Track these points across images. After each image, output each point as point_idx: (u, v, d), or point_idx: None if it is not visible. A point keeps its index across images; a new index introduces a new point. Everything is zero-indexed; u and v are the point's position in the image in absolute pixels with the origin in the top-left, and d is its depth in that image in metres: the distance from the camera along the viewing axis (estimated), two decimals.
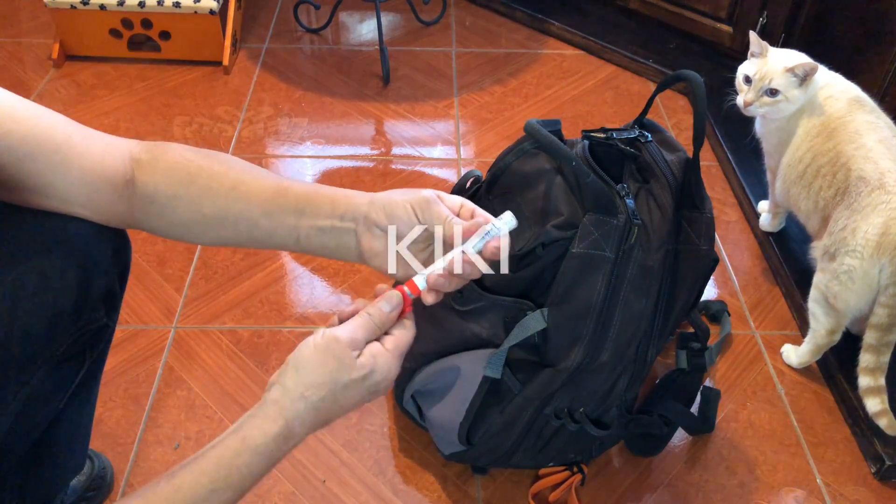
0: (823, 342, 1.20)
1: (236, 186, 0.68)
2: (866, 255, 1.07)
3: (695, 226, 0.95)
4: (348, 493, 1.09)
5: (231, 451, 0.59)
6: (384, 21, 2.15)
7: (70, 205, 0.68)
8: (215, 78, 1.91)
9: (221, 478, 0.58)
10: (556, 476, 1.08)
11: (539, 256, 0.90)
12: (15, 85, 1.85)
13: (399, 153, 1.71)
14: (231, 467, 0.58)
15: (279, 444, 0.60)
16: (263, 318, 1.33)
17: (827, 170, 1.16)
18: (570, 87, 1.94)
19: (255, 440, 0.59)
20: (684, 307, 0.98)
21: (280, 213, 0.68)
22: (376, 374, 0.62)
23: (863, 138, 1.14)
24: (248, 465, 0.59)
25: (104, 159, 0.67)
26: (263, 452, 0.59)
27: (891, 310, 1.07)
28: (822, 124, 1.19)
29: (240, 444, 0.59)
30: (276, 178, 0.70)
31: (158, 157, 0.69)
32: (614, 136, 0.97)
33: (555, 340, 0.91)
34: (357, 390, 0.61)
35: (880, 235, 1.06)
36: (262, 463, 0.60)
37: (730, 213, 1.59)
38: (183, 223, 0.70)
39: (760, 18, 1.82)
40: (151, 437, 1.14)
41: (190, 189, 0.68)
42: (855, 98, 1.20)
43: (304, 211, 0.68)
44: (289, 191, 0.68)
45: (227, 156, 0.71)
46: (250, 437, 0.59)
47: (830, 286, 1.14)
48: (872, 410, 1.11)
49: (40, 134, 0.64)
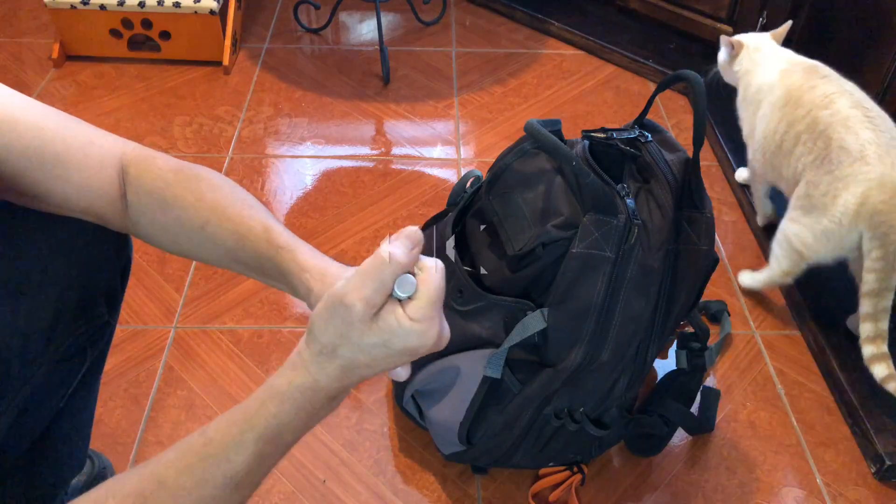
0: (779, 279, 1.29)
1: (203, 226, 0.68)
2: (845, 221, 1.14)
3: (695, 226, 0.95)
4: (348, 493, 1.09)
5: (258, 401, 0.56)
6: (384, 21, 2.15)
7: (71, 212, 0.68)
8: (215, 78, 1.91)
9: (249, 427, 0.55)
10: (556, 476, 1.09)
11: (539, 256, 0.90)
12: (15, 85, 1.84)
13: (399, 153, 1.71)
14: (258, 416, 0.55)
15: (307, 395, 0.56)
16: (263, 318, 1.33)
17: (806, 136, 1.20)
18: (570, 87, 1.94)
19: (280, 387, 0.56)
20: (684, 307, 0.98)
21: (243, 263, 0.69)
22: (397, 340, 0.54)
23: (836, 104, 1.18)
24: (276, 415, 0.55)
25: (100, 173, 0.68)
26: (289, 400, 0.55)
27: (878, 273, 1.11)
28: (786, 95, 1.27)
29: (265, 392, 0.56)
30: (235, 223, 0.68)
31: (143, 175, 0.69)
32: (614, 136, 0.97)
33: (555, 340, 0.91)
34: (384, 354, 0.55)
35: (859, 204, 1.12)
36: (291, 412, 0.56)
37: (730, 213, 1.59)
38: (167, 245, 0.71)
39: (760, 18, 1.82)
40: (151, 437, 1.14)
41: (166, 216, 0.69)
42: (810, 67, 1.30)
43: (263, 270, 0.68)
44: (245, 245, 0.67)
45: (204, 181, 0.70)
46: (275, 385, 0.56)
47: (803, 237, 1.20)
48: (880, 377, 1.12)
49: (39, 147, 0.65)
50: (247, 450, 0.55)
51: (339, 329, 0.54)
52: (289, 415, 0.56)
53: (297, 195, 1.58)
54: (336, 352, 0.55)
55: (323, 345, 0.55)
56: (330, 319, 0.54)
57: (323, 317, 0.54)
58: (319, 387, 0.56)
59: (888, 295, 1.11)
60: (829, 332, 1.29)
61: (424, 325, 0.54)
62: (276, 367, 1.24)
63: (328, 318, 0.54)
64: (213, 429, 0.56)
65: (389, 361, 0.56)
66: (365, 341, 0.54)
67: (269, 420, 0.55)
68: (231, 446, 0.55)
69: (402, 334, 0.54)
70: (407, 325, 0.53)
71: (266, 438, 0.55)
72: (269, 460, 0.57)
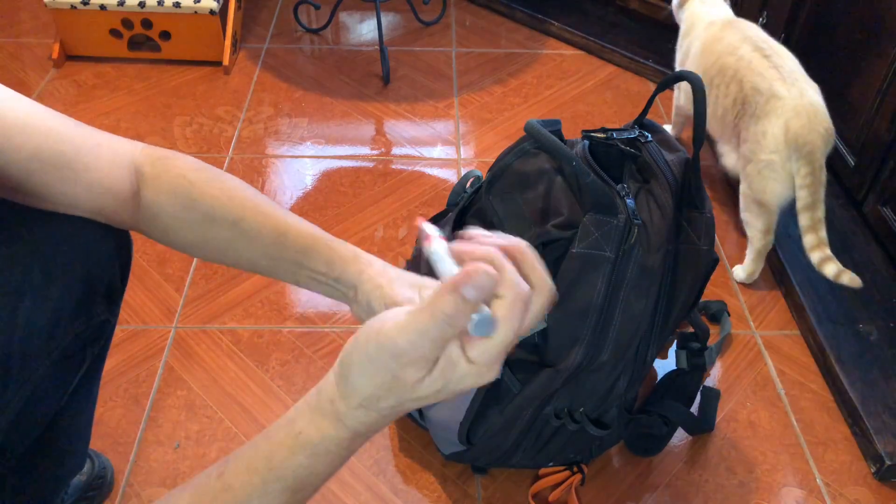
0: (761, 244, 1.39)
1: (237, 223, 0.68)
2: (780, 149, 1.30)
3: (695, 226, 0.95)
4: (348, 493, 1.09)
5: (284, 448, 0.50)
6: (384, 21, 2.15)
7: (78, 212, 0.68)
8: (215, 78, 1.91)
9: (276, 478, 0.50)
10: (556, 476, 1.09)
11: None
12: (15, 85, 1.85)
13: (399, 153, 1.71)
14: (286, 467, 0.50)
15: (343, 445, 0.50)
16: (263, 318, 1.33)
17: (719, 80, 1.40)
18: (570, 87, 1.94)
19: (312, 439, 0.50)
20: (684, 307, 0.98)
21: (279, 259, 0.69)
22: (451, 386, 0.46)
23: (740, 50, 1.38)
24: (308, 466, 0.50)
25: (111, 171, 0.68)
26: (323, 453, 0.50)
27: (808, 189, 1.27)
28: (703, 45, 1.48)
29: (294, 441, 0.50)
30: (276, 218, 0.68)
31: (161, 174, 0.69)
32: (614, 136, 0.97)
33: (555, 340, 0.91)
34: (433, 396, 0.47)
35: (784, 133, 1.29)
36: (324, 462, 0.51)
37: (730, 214, 1.59)
38: (186, 243, 0.71)
39: (760, 18, 1.82)
40: (151, 437, 1.14)
41: (192, 214, 0.68)
42: (728, 21, 1.48)
43: (302, 263, 0.68)
44: (287, 237, 0.68)
45: (228, 180, 0.70)
46: (306, 435, 0.50)
47: (755, 183, 1.33)
48: (831, 274, 1.26)
49: (50, 149, 0.64)
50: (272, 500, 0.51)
51: (386, 384, 0.47)
52: (322, 465, 0.51)
53: (297, 195, 1.58)
54: (379, 403, 0.48)
55: (364, 397, 0.48)
56: (376, 373, 0.47)
57: (365, 367, 0.47)
58: (358, 435, 0.51)
59: (820, 206, 1.28)
60: (829, 332, 1.29)
61: (484, 368, 0.45)
62: (275, 367, 1.25)
63: (373, 370, 0.46)
64: (231, 473, 0.51)
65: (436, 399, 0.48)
66: (416, 395, 0.47)
67: (298, 471, 0.51)
68: (255, 496, 0.51)
69: (457, 380, 0.46)
70: (464, 369, 0.45)
71: (294, 489, 0.51)
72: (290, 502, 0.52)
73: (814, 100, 1.31)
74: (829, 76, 1.60)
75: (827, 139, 1.29)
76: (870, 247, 1.44)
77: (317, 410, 0.50)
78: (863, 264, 1.40)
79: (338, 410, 0.49)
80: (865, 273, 1.39)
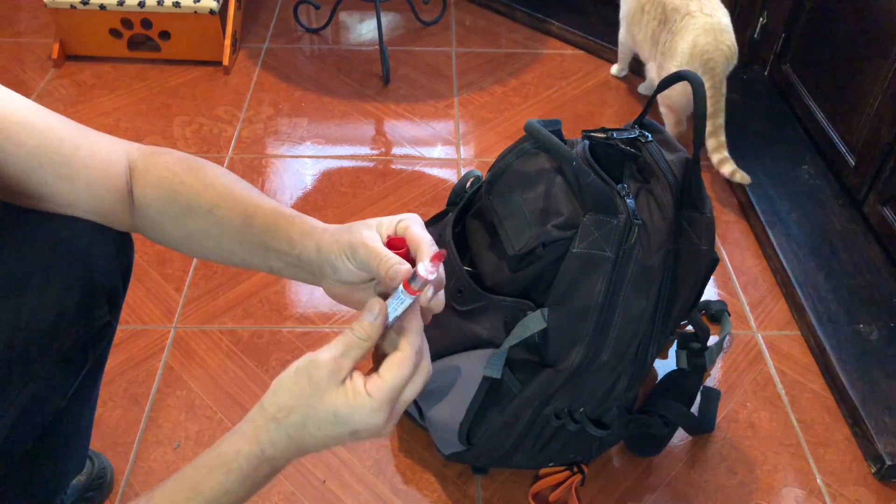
0: (675, 132, 1.63)
1: (212, 209, 0.67)
2: (684, 62, 1.51)
3: (695, 226, 0.95)
4: (348, 493, 1.09)
5: (205, 469, 0.56)
6: (384, 21, 2.15)
7: (77, 211, 0.68)
8: (215, 78, 1.91)
9: (196, 494, 0.56)
10: (556, 476, 1.09)
11: (539, 256, 0.90)
12: (15, 85, 1.85)
13: (399, 153, 1.71)
14: (205, 484, 0.56)
15: (252, 464, 0.56)
16: (263, 318, 1.33)
17: (650, 7, 1.62)
18: (570, 87, 1.94)
19: (228, 455, 0.56)
20: (684, 307, 0.98)
21: (249, 244, 0.67)
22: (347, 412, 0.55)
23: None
24: (223, 484, 0.56)
25: (109, 168, 0.68)
26: (236, 470, 0.56)
27: (711, 99, 1.47)
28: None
29: (214, 460, 0.56)
30: (245, 203, 0.67)
31: (150, 168, 0.69)
32: (614, 136, 0.97)
33: (555, 340, 0.91)
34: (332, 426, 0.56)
35: (692, 48, 1.50)
36: (237, 481, 0.56)
37: (730, 213, 1.59)
38: (173, 238, 0.70)
39: (760, 18, 1.82)
40: (151, 437, 1.14)
41: (175, 206, 0.68)
42: None
43: (268, 245, 0.66)
44: (254, 219, 0.66)
45: (209, 169, 0.70)
46: (223, 455, 0.56)
47: (666, 92, 1.42)
48: (727, 172, 1.50)
49: (49, 147, 0.64)
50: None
51: (303, 389, 0.55)
52: (234, 483, 0.56)
53: (296, 195, 1.58)
54: (289, 417, 0.55)
55: (279, 407, 0.55)
56: (297, 379, 0.55)
57: (290, 376, 0.56)
58: (265, 457, 0.56)
59: (721, 115, 1.49)
60: (829, 332, 1.29)
61: (376, 405, 0.55)
62: (275, 367, 1.25)
63: (296, 378, 0.55)
64: (159, 494, 0.56)
65: (334, 439, 0.56)
66: (321, 406, 0.55)
67: (215, 488, 0.56)
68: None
69: (355, 405, 0.55)
70: (362, 397, 0.54)
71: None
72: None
73: (722, 21, 1.51)
74: (829, 76, 1.61)
75: (729, 56, 1.50)
76: (870, 247, 1.44)
77: (237, 430, 0.57)
78: (863, 264, 1.41)
79: (256, 426, 0.56)
80: (865, 273, 1.39)
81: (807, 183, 1.58)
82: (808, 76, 1.70)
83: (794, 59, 1.75)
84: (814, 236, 1.46)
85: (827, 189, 1.57)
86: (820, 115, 1.63)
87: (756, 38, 1.86)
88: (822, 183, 1.58)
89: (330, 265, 0.62)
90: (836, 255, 1.43)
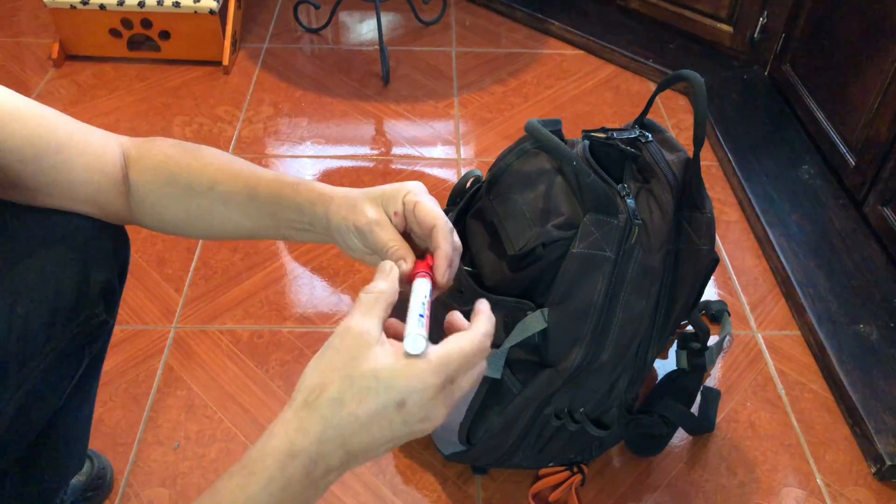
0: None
1: (213, 187, 0.67)
2: None
3: (695, 226, 0.95)
4: (348, 493, 1.09)
5: (227, 475, 0.50)
6: (384, 21, 2.15)
7: (73, 202, 0.68)
8: (215, 78, 1.91)
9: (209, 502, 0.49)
10: (556, 476, 1.08)
11: (539, 256, 0.90)
12: (15, 85, 1.85)
13: (399, 153, 1.71)
14: (224, 490, 0.49)
15: (280, 462, 0.48)
16: (263, 318, 1.33)
17: None
18: (570, 87, 1.94)
19: (251, 458, 0.49)
20: (684, 307, 0.98)
21: (257, 216, 0.68)
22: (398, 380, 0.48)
23: None
24: (244, 487, 0.48)
25: (104, 154, 0.68)
26: (259, 472, 0.48)
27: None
28: None
29: (238, 464, 0.50)
30: (247, 176, 0.67)
31: (144, 155, 0.69)
32: (615, 136, 0.97)
33: (555, 340, 0.91)
34: (374, 395, 0.48)
35: None
36: (259, 485, 0.48)
37: (730, 213, 1.59)
38: (174, 220, 0.70)
39: (760, 18, 1.82)
40: (151, 437, 1.14)
41: (174, 188, 0.68)
42: None
43: (276, 215, 0.67)
44: (258, 191, 0.67)
45: (205, 150, 0.70)
46: (248, 457, 0.49)
47: None
48: None
49: (44, 135, 0.65)
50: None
51: (333, 361, 0.50)
52: (257, 488, 0.48)
53: None
54: (322, 395, 0.49)
55: (310, 389, 0.49)
56: (325, 353, 0.50)
57: (316, 357, 0.51)
58: (295, 451, 0.48)
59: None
60: (829, 332, 1.29)
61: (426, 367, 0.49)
62: (275, 367, 1.25)
63: (322, 353, 0.50)
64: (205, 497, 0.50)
65: (380, 418, 0.49)
66: (358, 372, 0.49)
67: (235, 493, 0.48)
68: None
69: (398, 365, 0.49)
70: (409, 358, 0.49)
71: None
72: None
73: None
74: (829, 76, 1.61)
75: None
76: (870, 247, 1.44)
77: (267, 431, 0.50)
78: (863, 264, 1.40)
79: (284, 419, 0.50)
80: (865, 273, 1.39)
81: (807, 183, 1.58)
82: (808, 76, 1.70)
83: (794, 59, 1.75)
84: (814, 236, 1.46)
85: (827, 189, 1.57)
86: (820, 115, 1.63)
87: (756, 38, 1.86)
88: (822, 183, 1.58)
89: (340, 238, 0.63)
90: (836, 255, 1.43)
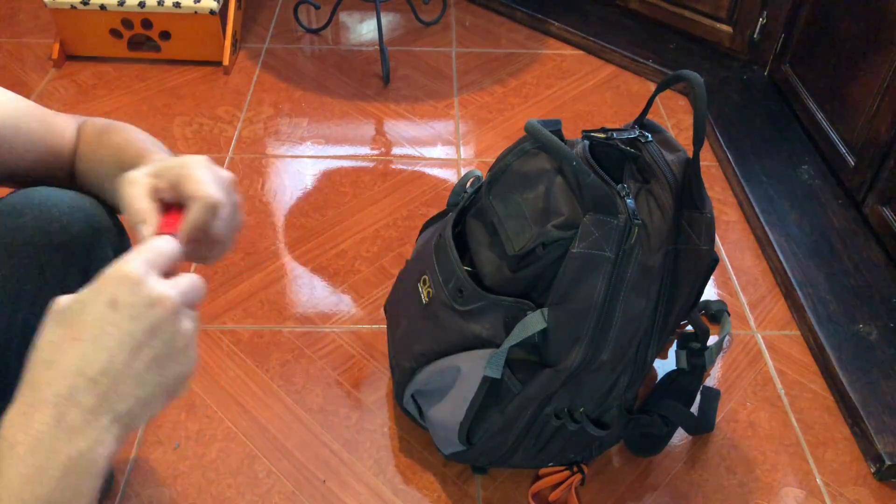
0: None
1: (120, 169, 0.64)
2: None
3: (695, 226, 0.95)
4: (348, 493, 1.09)
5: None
6: (384, 21, 2.15)
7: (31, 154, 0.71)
8: (215, 78, 1.91)
9: None
10: (556, 476, 1.09)
11: (539, 256, 0.90)
12: (15, 85, 1.85)
13: (399, 153, 1.71)
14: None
15: (19, 422, 0.43)
16: (263, 318, 1.33)
17: None
18: (570, 87, 1.94)
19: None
20: (684, 307, 0.98)
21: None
22: (107, 275, 0.46)
23: None
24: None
25: (66, 120, 0.73)
26: (10, 441, 0.43)
27: None
28: None
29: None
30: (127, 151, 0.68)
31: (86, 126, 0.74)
32: (615, 136, 0.97)
33: (555, 340, 0.91)
34: (91, 313, 0.45)
35: None
36: (19, 461, 0.42)
37: (730, 213, 1.59)
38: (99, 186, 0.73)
39: (760, 18, 1.82)
40: (151, 437, 1.14)
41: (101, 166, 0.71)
42: None
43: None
44: (124, 164, 0.65)
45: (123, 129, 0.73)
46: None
47: None
48: None
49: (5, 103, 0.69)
50: None
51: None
52: (13, 466, 0.42)
53: (297, 195, 1.58)
54: (37, 349, 0.45)
55: (31, 364, 0.45)
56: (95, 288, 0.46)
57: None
58: (31, 408, 0.43)
59: None
60: (828, 332, 1.29)
61: (128, 257, 0.47)
62: (275, 367, 1.25)
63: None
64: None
65: (106, 330, 0.44)
66: (67, 306, 0.45)
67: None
68: None
69: (101, 279, 0.46)
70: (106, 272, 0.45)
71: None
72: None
73: None
74: (829, 76, 1.61)
75: None
76: (870, 247, 1.44)
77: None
78: (863, 264, 1.41)
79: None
80: (865, 273, 1.39)
81: (807, 183, 1.58)
82: (808, 76, 1.70)
83: (794, 59, 1.76)
84: (814, 236, 1.46)
85: (827, 189, 1.57)
86: (820, 115, 1.63)
87: (756, 38, 1.86)
88: (822, 183, 1.58)
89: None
90: (836, 255, 1.43)
